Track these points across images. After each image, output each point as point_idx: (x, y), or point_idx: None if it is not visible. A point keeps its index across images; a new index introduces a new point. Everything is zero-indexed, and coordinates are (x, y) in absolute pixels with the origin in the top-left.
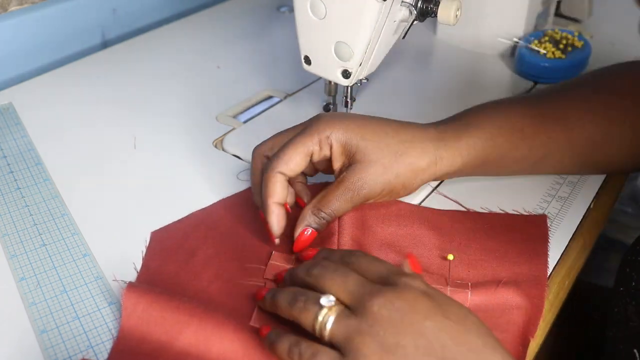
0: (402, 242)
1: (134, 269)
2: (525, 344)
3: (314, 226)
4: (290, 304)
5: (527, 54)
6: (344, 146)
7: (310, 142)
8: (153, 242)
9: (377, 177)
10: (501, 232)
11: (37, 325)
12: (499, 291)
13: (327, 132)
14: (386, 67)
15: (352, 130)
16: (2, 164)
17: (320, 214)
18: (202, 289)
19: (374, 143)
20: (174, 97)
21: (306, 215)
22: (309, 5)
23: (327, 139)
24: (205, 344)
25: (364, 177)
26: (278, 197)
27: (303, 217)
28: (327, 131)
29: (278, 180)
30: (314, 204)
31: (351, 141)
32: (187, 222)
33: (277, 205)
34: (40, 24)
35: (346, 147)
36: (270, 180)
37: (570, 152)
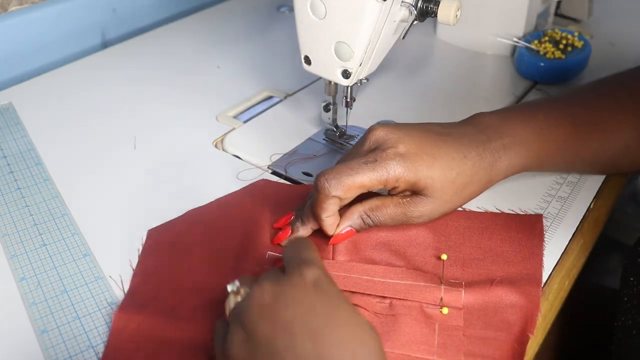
0: (397, 240)
1: (130, 266)
2: (523, 341)
3: (356, 227)
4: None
5: (527, 54)
6: (410, 185)
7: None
8: (149, 240)
9: (438, 210)
10: (496, 231)
11: (37, 325)
12: (493, 290)
13: (397, 173)
14: (386, 67)
15: (422, 171)
16: (2, 164)
17: (367, 219)
18: (196, 287)
19: (440, 183)
20: (174, 97)
21: (354, 216)
22: (309, 5)
23: (395, 181)
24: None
25: (427, 211)
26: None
27: (350, 217)
28: (397, 172)
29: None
30: (366, 208)
31: (418, 183)
32: (182, 220)
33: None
34: (40, 24)
35: (413, 185)
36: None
37: (603, 158)
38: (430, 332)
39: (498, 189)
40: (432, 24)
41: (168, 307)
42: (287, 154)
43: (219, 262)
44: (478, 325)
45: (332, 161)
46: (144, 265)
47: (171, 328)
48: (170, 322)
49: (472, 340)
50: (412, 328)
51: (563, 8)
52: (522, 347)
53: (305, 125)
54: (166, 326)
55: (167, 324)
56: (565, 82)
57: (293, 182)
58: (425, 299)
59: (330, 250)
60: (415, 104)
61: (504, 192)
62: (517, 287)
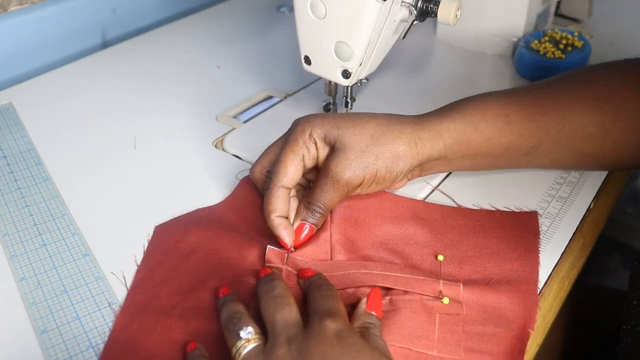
0: (395, 240)
1: (134, 262)
2: (524, 337)
3: (310, 221)
4: (224, 323)
5: (527, 54)
6: (324, 139)
7: (297, 146)
8: (155, 237)
9: (356, 161)
10: (492, 229)
11: (37, 325)
12: (491, 287)
13: (306, 131)
14: (386, 67)
15: (329, 123)
16: (2, 164)
17: (311, 206)
18: (199, 284)
19: (349, 130)
20: (174, 97)
21: (300, 210)
22: (309, 5)
23: (310, 138)
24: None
25: (342, 163)
26: (280, 211)
27: (298, 213)
28: (306, 131)
29: (280, 194)
30: (304, 197)
31: (329, 132)
32: (190, 217)
33: (281, 218)
34: (40, 24)
35: (326, 139)
36: (273, 195)
37: (564, 142)
38: (430, 326)
39: (497, 189)
40: (432, 24)
41: (170, 305)
42: None
43: (222, 262)
44: (477, 321)
45: None
46: (149, 262)
47: (172, 328)
48: (172, 321)
49: (472, 336)
50: (413, 322)
51: (563, 8)
52: (523, 343)
53: None
54: (167, 326)
55: (168, 323)
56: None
57: None
58: (425, 290)
59: (328, 251)
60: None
61: (503, 192)
62: (515, 284)
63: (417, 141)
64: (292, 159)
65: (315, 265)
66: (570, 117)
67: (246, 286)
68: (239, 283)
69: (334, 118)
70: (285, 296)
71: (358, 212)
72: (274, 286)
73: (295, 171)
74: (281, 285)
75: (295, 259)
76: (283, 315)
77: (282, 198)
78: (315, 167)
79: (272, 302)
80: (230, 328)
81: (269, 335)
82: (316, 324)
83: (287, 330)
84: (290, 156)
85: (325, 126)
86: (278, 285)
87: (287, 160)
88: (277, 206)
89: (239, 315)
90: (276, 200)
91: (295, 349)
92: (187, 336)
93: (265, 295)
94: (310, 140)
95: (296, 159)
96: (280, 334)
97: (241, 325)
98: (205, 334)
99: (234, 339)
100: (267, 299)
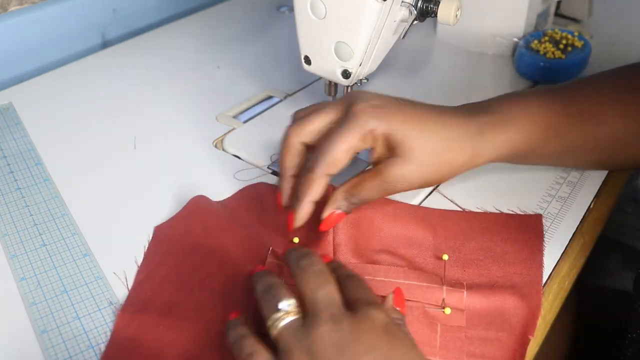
0: (398, 242)
1: (134, 262)
2: (524, 342)
3: (344, 209)
4: (261, 294)
5: (527, 54)
6: (386, 139)
7: (354, 139)
8: (155, 237)
9: (416, 174)
10: (496, 232)
11: (37, 325)
12: (495, 290)
13: (370, 125)
14: (386, 67)
15: (395, 124)
16: (2, 164)
17: (351, 199)
18: (200, 284)
19: (415, 140)
20: (174, 97)
21: (338, 199)
22: (309, 5)
23: (371, 133)
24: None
25: (404, 174)
26: (316, 198)
27: (334, 200)
28: (370, 124)
29: (323, 183)
30: (347, 188)
31: (394, 135)
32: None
33: (312, 204)
34: (40, 24)
35: (389, 140)
36: (316, 182)
37: (599, 149)
38: (432, 333)
39: (498, 189)
40: (432, 24)
41: (171, 304)
42: None
43: (224, 262)
44: (480, 325)
45: None
46: (149, 262)
47: (174, 327)
48: (173, 321)
49: (474, 341)
50: (415, 328)
51: (563, 8)
52: (523, 348)
53: None
54: (168, 325)
55: (169, 323)
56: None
57: None
58: (428, 299)
59: (330, 250)
60: None
61: (503, 191)
62: (519, 288)
63: (476, 155)
64: (346, 151)
65: None
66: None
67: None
68: (240, 282)
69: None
70: (327, 273)
71: (360, 214)
72: (312, 262)
73: (345, 161)
74: (321, 262)
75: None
76: (326, 292)
77: (323, 187)
78: None
79: (314, 278)
80: (268, 299)
81: (310, 311)
82: (363, 310)
83: (330, 308)
84: (344, 146)
85: (392, 126)
86: (317, 261)
87: (341, 152)
88: (317, 193)
89: (278, 287)
90: (318, 187)
91: (339, 330)
92: (188, 336)
93: (304, 271)
94: (370, 137)
95: (350, 151)
96: (323, 310)
97: (280, 296)
98: (207, 334)
99: (271, 311)
100: (307, 274)
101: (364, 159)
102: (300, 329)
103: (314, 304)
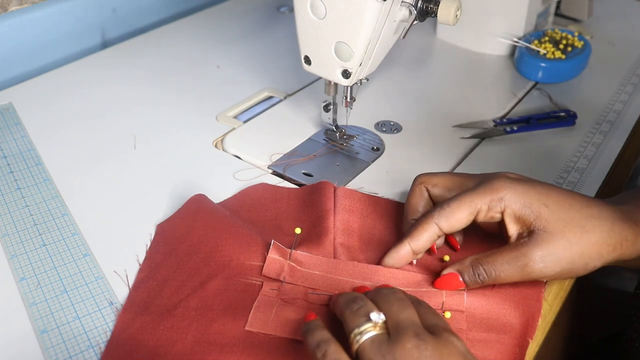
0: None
1: (136, 261)
2: (523, 345)
3: (465, 278)
4: (347, 304)
5: (527, 54)
6: (519, 212)
7: (480, 201)
8: (157, 236)
9: (561, 254)
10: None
11: (37, 325)
12: (495, 292)
13: (501, 193)
14: (386, 67)
15: (532, 196)
16: (2, 164)
17: (479, 269)
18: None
19: (558, 214)
20: (174, 97)
21: (464, 261)
22: (309, 5)
23: (499, 201)
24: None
25: (547, 251)
26: (417, 246)
27: (461, 261)
28: (501, 192)
29: (430, 230)
30: (479, 257)
31: (530, 207)
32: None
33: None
34: (40, 24)
35: (523, 213)
36: (423, 227)
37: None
38: None
39: None
40: (432, 24)
41: (172, 305)
42: (287, 154)
43: (225, 261)
44: (481, 327)
45: (332, 161)
46: (151, 261)
47: (174, 327)
48: (174, 321)
49: (475, 343)
50: None
51: (563, 8)
52: (523, 351)
53: (305, 125)
54: (169, 325)
55: (170, 323)
56: (565, 82)
57: (293, 182)
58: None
59: (331, 250)
60: (415, 104)
61: None
62: (519, 290)
63: (622, 242)
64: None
65: (319, 262)
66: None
67: (251, 287)
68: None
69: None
70: (407, 300)
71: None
72: (395, 291)
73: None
74: (401, 291)
75: (298, 255)
76: (408, 314)
77: (429, 236)
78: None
79: (398, 303)
80: (355, 309)
81: (394, 330)
82: (445, 335)
83: (414, 327)
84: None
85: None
86: (400, 291)
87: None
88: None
89: (366, 300)
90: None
91: (424, 349)
92: (189, 336)
93: (387, 298)
94: (499, 204)
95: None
96: (407, 328)
97: (369, 308)
98: (207, 333)
99: (359, 321)
100: (390, 300)
101: (365, 160)
102: (385, 343)
103: (397, 324)
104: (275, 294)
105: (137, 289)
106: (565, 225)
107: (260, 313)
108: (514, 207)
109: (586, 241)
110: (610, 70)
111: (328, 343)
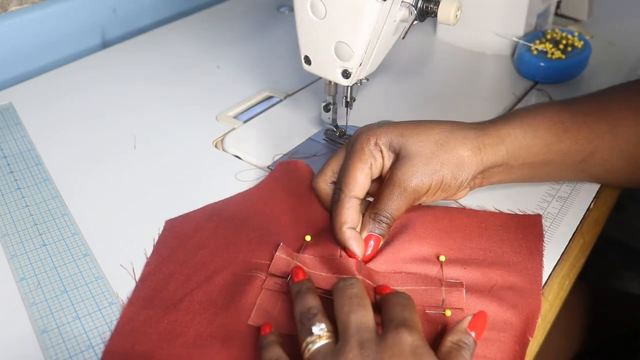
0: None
1: (137, 260)
2: (524, 343)
3: (377, 232)
4: (299, 317)
5: (527, 54)
6: (389, 147)
7: (364, 155)
8: (166, 231)
9: (422, 168)
10: (496, 232)
11: (37, 325)
12: (495, 291)
13: (372, 140)
14: (386, 67)
15: (392, 131)
16: (2, 164)
17: (378, 217)
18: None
19: (413, 137)
20: (174, 97)
21: (366, 223)
22: (309, 5)
23: (375, 146)
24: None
25: (409, 170)
26: (352, 223)
27: (364, 225)
28: (371, 139)
29: (352, 205)
30: (369, 209)
31: (394, 140)
32: (201, 212)
33: (352, 230)
34: (40, 24)
35: (391, 147)
36: (344, 206)
37: (618, 149)
38: (434, 335)
39: (498, 189)
40: (432, 24)
41: (177, 299)
42: (287, 154)
43: (232, 257)
44: None
45: None
46: (158, 255)
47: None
48: (178, 315)
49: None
50: None
51: (563, 8)
52: (523, 349)
53: (305, 125)
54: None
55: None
56: (565, 82)
57: None
58: (427, 302)
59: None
60: (415, 104)
61: (503, 192)
62: (518, 289)
63: (480, 147)
64: (361, 168)
65: (323, 262)
66: (622, 124)
67: (255, 281)
68: (248, 278)
69: (397, 126)
70: (362, 297)
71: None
72: (351, 284)
73: (365, 180)
74: (359, 285)
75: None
76: (358, 317)
77: (353, 209)
78: (378, 178)
79: (348, 301)
80: (304, 322)
81: (341, 335)
82: (392, 333)
83: (360, 334)
84: (358, 165)
85: (389, 134)
86: (356, 284)
87: (356, 169)
88: (349, 217)
89: (315, 312)
90: (348, 211)
91: (366, 356)
92: (192, 330)
93: (341, 294)
94: (377, 149)
95: (365, 167)
96: (352, 336)
97: (315, 321)
98: (210, 327)
99: (305, 334)
100: (343, 297)
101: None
102: (329, 354)
103: (345, 328)
104: (278, 287)
105: (143, 282)
106: (423, 144)
107: (263, 308)
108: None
109: (443, 151)
110: (610, 70)
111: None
